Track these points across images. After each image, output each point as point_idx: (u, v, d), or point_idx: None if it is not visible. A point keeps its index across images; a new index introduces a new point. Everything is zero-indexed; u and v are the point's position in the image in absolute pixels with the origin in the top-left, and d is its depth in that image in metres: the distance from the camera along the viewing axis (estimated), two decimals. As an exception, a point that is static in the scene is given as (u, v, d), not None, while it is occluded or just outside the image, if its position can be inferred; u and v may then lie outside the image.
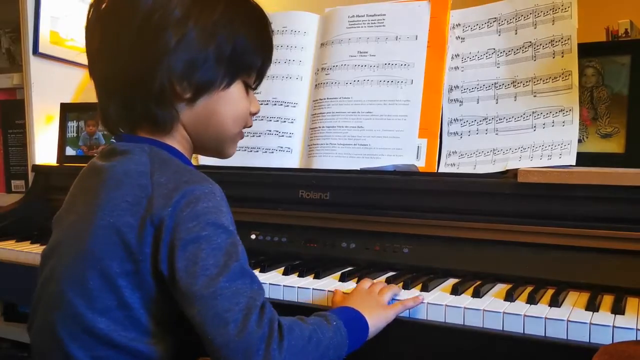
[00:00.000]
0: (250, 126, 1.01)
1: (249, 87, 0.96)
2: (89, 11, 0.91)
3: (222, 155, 1.00)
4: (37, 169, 1.88)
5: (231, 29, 0.89)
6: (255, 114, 0.99)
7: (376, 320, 0.96)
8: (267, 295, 1.14)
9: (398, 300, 1.04)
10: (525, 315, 0.94)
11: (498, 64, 1.34)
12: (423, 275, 1.17)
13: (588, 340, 0.90)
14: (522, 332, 0.94)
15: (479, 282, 1.10)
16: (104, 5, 0.89)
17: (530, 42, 1.30)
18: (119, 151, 0.89)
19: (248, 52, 0.92)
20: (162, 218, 0.81)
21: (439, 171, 1.33)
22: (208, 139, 0.95)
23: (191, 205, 0.82)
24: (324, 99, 1.46)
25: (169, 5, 0.86)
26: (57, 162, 1.93)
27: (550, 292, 1.04)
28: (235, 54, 0.90)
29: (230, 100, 0.93)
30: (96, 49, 0.91)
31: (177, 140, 0.92)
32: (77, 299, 0.84)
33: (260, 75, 0.98)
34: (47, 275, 0.90)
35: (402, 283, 1.10)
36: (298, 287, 1.13)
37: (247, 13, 0.94)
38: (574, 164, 1.17)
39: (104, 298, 0.83)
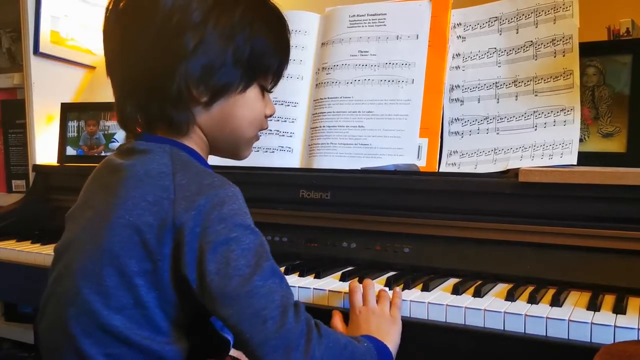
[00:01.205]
0: (266, 128, 1.00)
1: (265, 90, 0.96)
2: (107, 11, 0.90)
3: (237, 157, 1.00)
4: (38, 168, 1.88)
5: (249, 32, 0.89)
6: (270, 116, 0.99)
7: (395, 341, 0.96)
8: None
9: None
10: (526, 315, 0.94)
11: (499, 63, 1.33)
12: (424, 275, 1.17)
13: (589, 340, 0.90)
14: (523, 332, 0.94)
15: (480, 282, 1.10)
16: (121, 5, 0.88)
17: (531, 41, 1.30)
18: (139, 150, 0.89)
19: (266, 54, 0.92)
20: (185, 221, 0.81)
21: (439, 171, 1.32)
22: (224, 141, 0.94)
23: (217, 208, 0.82)
24: (325, 98, 1.45)
25: (188, 7, 0.85)
26: (57, 162, 1.93)
27: (551, 291, 1.04)
28: (253, 57, 0.89)
29: (247, 103, 0.92)
30: (114, 49, 0.90)
31: (195, 142, 0.92)
32: (93, 295, 0.83)
33: (276, 78, 0.97)
34: (61, 271, 0.89)
35: (402, 283, 1.10)
36: (299, 287, 1.12)
37: (266, 15, 0.93)
38: (575, 164, 1.17)
39: (120, 296, 0.83)
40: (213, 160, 1.05)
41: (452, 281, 1.13)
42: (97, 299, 0.83)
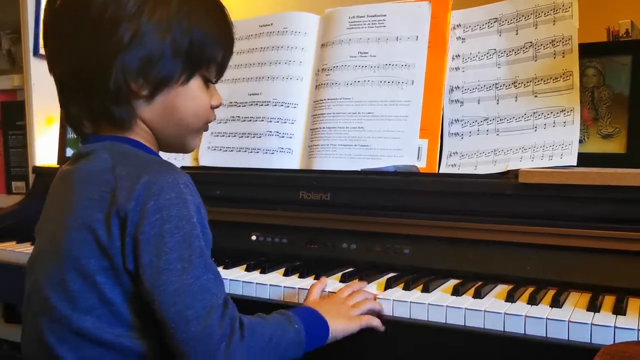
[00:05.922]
0: (214, 119, 0.99)
1: (209, 81, 0.95)
2: (45, 11, 0.90)
3: (184, 149, 0.99)
4: (38, 170, 1.88)
5: (187, 23, 0.87)
6: (217, 107, 0.97)
7: (335, 328, 0.96)
8: (268, 297, 1.14)
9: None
10: (526, 316, 0.94)
11: (499, 64, 1.33)
12: (424, 276, 1.17)
13: (589, 341, 0.90)
14: (523, 332, 0.94)
15: (480, 283, 1.10)
16: (58, 3, 0.88)
17: (531, 42, 1.30)
18: (84, 153, 0.89)
19: (206, 46, 0.90)
20: (127, 211, 0.81)
21: (439, 172, 1.32)
22: (170, 134, 0.93)
23: (153, 197, 0.81)
24: (325, 99, 1.45)
25: (121, 0, 0.84)
26: (57, 164, 1.92)
27: (551, 292, 1.04)
28: (192, 49, 0.88)
29: (190, 95, 0.91)
30: (53, 47, 0.90)
31: (140, 135, 0.91)
32: (61, 302, 0.84)
33: (221, 69, 0.96)
34: (32, 284, 0.90)
35: (402, 284, 1.10)
36: (298, 288, 1.12)
37: (205, 6, 0.92)
38: (575, 165, 1.17)
39: (86, 297, 0.83)
40: (213, 160, 1.05)
41: (452, 282, 1.13)
42: (65, 304, 0.84)
